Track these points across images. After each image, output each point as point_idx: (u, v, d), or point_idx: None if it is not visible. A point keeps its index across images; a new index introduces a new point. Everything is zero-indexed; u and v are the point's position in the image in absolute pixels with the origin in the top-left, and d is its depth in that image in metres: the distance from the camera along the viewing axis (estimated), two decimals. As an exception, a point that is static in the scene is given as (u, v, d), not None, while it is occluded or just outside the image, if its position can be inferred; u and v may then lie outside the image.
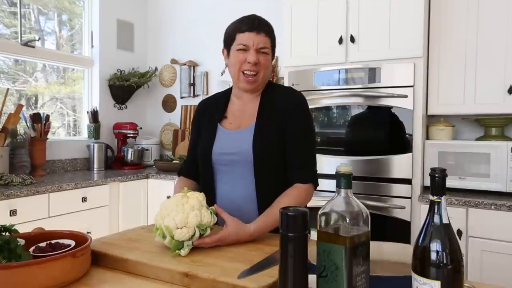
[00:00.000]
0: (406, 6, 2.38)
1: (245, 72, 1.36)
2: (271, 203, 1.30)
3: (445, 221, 0.70)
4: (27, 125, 2.94)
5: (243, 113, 1.44)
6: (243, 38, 1.35)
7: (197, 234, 1.09)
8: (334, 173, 0.76)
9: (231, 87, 1.51)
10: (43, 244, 0.99)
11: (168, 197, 3.18)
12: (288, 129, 1.37)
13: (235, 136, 1.40)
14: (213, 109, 1.50)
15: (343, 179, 0.73)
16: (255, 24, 1.36)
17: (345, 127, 2.54)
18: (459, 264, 0.68)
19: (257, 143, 1.35)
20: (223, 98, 1.51)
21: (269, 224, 1.25)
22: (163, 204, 1.14)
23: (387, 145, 2.42)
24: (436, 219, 0.70)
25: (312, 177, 1.37)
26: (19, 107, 2.81)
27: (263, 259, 1.02)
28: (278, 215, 1.25)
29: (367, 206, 2.13)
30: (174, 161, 3.47)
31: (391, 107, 2.39)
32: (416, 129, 2.35)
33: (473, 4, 2.41)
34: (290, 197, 1.31)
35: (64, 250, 0.95)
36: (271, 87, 1.47)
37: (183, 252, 1.05)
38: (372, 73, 2.44)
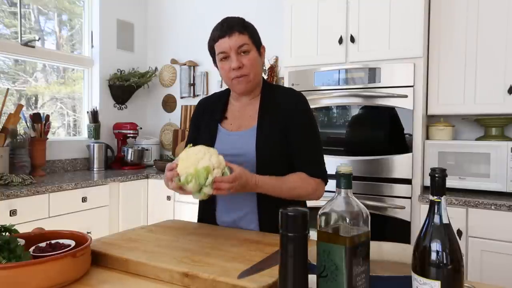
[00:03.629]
0: (406, 6, 2.38)
1: (234, 78, 1.36)
2: (272, 204, 1.30)
3: (445, 221, 0.70)
4: (27, 125, 2.94)
5: (243, 114, 1.44)
6: (219, 46, 1.34)
7: (227, 173, 1.15)
8: (334, 173, 0.76)
9: None
10: (43, 244, 0.99)
11: (169, 197, 3.18)
12: (291, 129, 1.36)
13: (237, 138, 1.39)
14: (212, 109, 1.49)
15: (343, 179, 0.73)
16: (224, 28, 1.33)
17: (345, 127, 2.54)
18: (459, 264, 0.68)
19: (260, 144, 1.34)
20: (223, 97, 1.50)
21: (272, 183, 1.28)
22: (187, 154, 1.15)
23: (387, 145, 2.42)
24: (436, 219, 0.70)
25: (321, 173, 1.37)
26: (19, 107, 2.81)
27: (263, 259, 1.02)
28: (283, 184, 1.29)
29: (367, 206, 2.13)
30: (174, 161, 3.46)
31: (391, 107, 2.39)
32: (416, 129, 2.35)
33: (473, 4, 2.41)
34: (298, 177, 1.32)
35: (64, 250, 0.95)
36: (271, 88, 1.46)
37: (207, 190, 1.11)
38: (372, 73, 2.44)
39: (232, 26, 1.32)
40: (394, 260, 0.95)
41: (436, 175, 0.70)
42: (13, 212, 2.29)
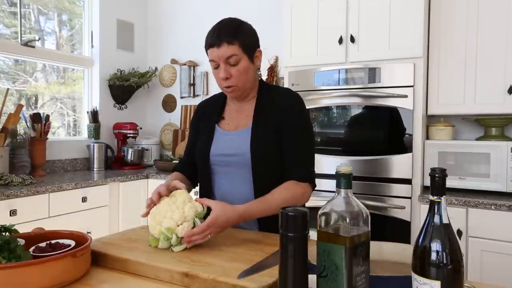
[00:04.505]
0: (406, 6, 2.38)
1: (223, 87, 1.36)
2: None
3: (445, 221, 0.70)
4: (27, 125, 2.94)
5: (240, 114, 1.44)
6: (210, 54, 1.33)
7: (198, 224, 1.11)
8: (334, 173, 0.76)
9: None
10: (43, 244, 0.99)
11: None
12: (284, 129, 1.36)
13: (233, 137, 1.40)
14: (211, 110, 1.50)
15: (343, 179, 0.73)
16: (213, 37, 1.30)
17: (345, 127, 2.54)
18: (459, 264, 0.68)
19: (254, 144, 1.34)
20: (221, 99, 1.51)
21: (260, 208, 1.24)
22: (153, 212, 1.15)
23: (387, 145, 2.42)
24: (436, 219, 0.70)
25: (309, 177, 1.34)
26: (19, 107, 2.81)
27: (263, 259, 1.02)
28: (271, 203, 1.26)
29: (367, 206, 2.13)
30: (174, 161, 3.47)
31: (391, 107, 2.39)
32: (416, 129, 2.35)
33: (473, 4, 2.41)
34: (286, 189, 1.29)
35: (64, 250, 0.95)
36: (268, 88, 1.46)
37: (177, 248, 1.07)
38: (372, 73, 2.44)
39: (221, 35, 1.29)
40: (394, 260, 0.95)
41: (436, 175, 0.70)
42: (13, 212, 2.29)
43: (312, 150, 1.40)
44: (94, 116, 3.53)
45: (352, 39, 2.52)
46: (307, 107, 1.44)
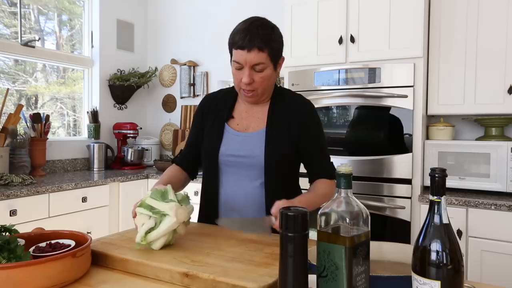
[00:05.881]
0: (406, 6, 2.38)
1: (242, 89, 1.36)
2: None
3: (445, 221, 0.70)
4: (27, 125, 2.94)
5: (251, 115, 1.44)
6: (236, 55, 1.30)
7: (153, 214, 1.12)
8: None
9: None
10: (43, 244, 0.99)
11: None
12: (306, 135, 1.40)
13: (244, 139, 1.39)
14: (219, 107, 1.48)
15: (343, 179, 0.73)
16: (245, 40, 1.26)
17: (345, 127, 2.54)
18: (459, 264, 0.68)
19: (269, 148, 1.36)
20: (230, 96, 1.49)
21: (311, 201, 1.32)
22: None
23: (387, 145, 2.42)
24: (436, 219, 0.70)
25: (334, 174, 1.42)
26: (19, 107, 2.81)
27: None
28: (318, 196, 1.35)
29: (367, 206, 2.13)
30: (174, 161, 3.47)
31: (391, 107, 2.39)
32: (416, 129, 2.35)
33: (473, 4, 2.41)
34: (324, 183, 1.40)
35: (64, 250, 0.95)
36: (281, 93, 1.46)
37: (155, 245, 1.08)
38: (372, 73, 2.44)
39: (254, 40, 1.26)
40: (394, 260, 0.95)
41: (436, 175, 0.71)
42: (13, 212, 2.29)
43: (328, 149, 1.49)
44: (94, 116, 3.53)
45: (352, 39, 2.52)
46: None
